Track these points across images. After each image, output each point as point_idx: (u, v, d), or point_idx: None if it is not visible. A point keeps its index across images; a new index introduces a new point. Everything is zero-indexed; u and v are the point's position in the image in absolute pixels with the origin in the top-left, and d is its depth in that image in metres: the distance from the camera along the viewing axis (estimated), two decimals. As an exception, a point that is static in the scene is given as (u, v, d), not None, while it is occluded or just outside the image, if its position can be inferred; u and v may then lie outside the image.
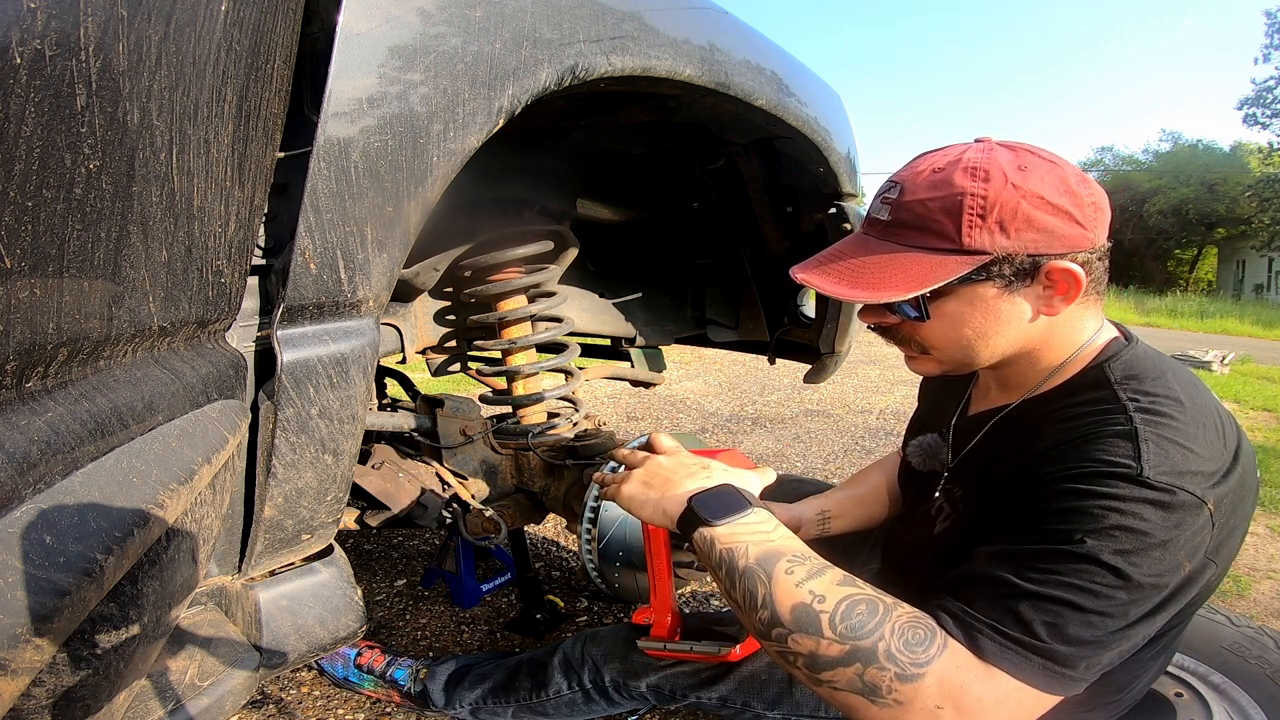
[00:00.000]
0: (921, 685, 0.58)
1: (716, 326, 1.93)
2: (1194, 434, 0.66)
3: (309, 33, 0.68)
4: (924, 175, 0.72)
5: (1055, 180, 0.69)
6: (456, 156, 0.76)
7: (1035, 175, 0.69)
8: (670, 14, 0.95)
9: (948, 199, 0.69)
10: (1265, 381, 5.58)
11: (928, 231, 0.71)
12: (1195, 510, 0.62)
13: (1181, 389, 0.70)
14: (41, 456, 0.45)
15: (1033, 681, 0.60)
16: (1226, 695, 1.01)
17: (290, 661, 0.83)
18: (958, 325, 0.74)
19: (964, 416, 0.90)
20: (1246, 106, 20.90)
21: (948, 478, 0.87)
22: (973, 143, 0.74)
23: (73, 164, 0.44)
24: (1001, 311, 0.73)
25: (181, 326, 0.61)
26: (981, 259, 0.69)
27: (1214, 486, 0.64)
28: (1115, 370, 0.73)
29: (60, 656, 0.49)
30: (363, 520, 1.36)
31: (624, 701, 1.08)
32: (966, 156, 0.70)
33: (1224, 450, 0.67)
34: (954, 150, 0.73)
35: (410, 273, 1.31)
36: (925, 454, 0.93)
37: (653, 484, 0.78)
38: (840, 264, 0.76)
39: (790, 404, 4.24)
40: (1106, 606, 0.61)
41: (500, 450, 1.50)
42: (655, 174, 1.64)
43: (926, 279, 0.69)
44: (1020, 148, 0.72)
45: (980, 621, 0.61)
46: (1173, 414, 0.66)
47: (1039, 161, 0.70)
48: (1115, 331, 0.79)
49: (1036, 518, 0.65)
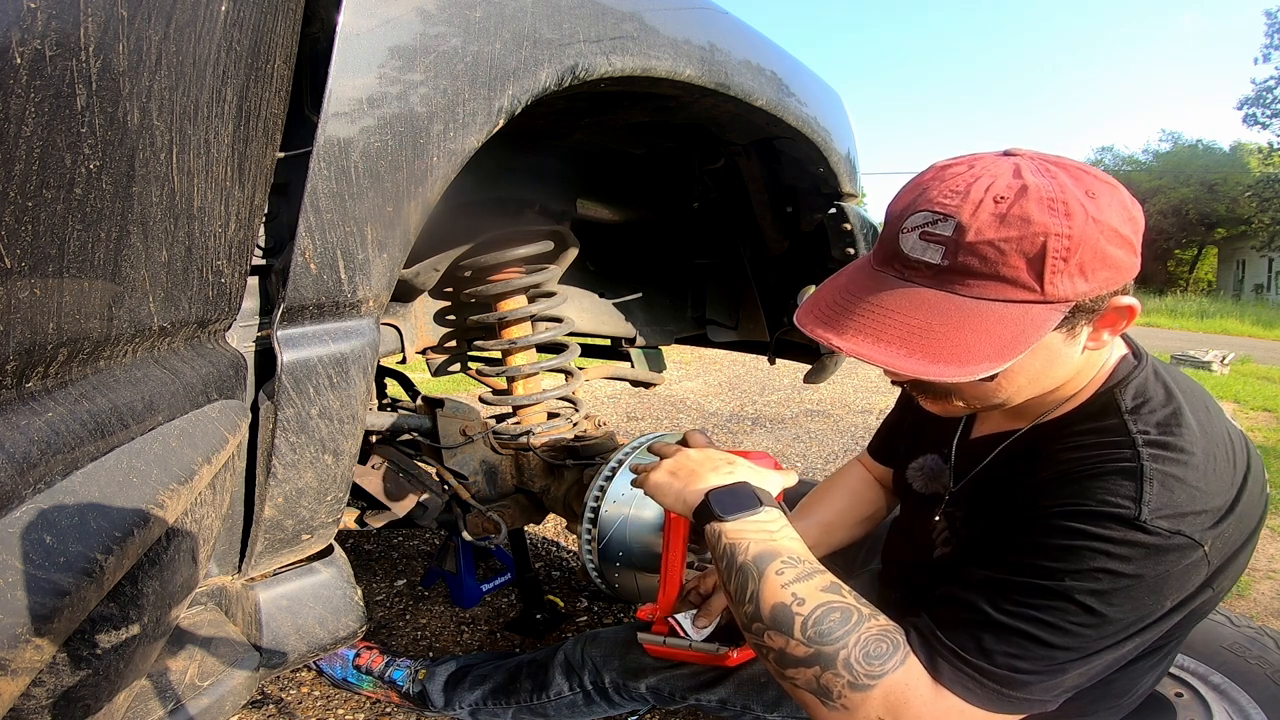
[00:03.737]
0: (869, 695, 0.61)
1: (716, 326, 1.93)
2: (1204, 467, 0.63)
3: (309, 33, 0.68)
4: (985, 208, 0.59)
5: (1119, 207, 0.60)
6: (457, 157, 0.76)
7: (1105, 203, 0.59)
8: (670, 14, 0.95)
9: (1027, 240, 0.58)
10: (1265, 381, 5.58)
11: (1002, 280, 0.59)
12: (1189, 551, 0.60)
13: (1193, 413, 0.67)
14: (41, 456, 0.45)
15: (984, 704, 0.61)
16: (1226, 695, 1.01)
17: (290, 661, 0.83)
18: (1012, 374, 0.66)
19: (966, 439, 0.87)
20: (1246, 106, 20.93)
21: (949, 501, 0.85)
22: (1002, 155, 0.64)
23: (73, 164, 0.44)
24: (1059, 354, 0.65)
25: (181, 326, 0.61)
26: (1064, 308, 0.60)
27: (1214, 526, 0.62)
28: (1126, 397, 0.69)
29: (60, 656, 0.49)
30: (363, 520, 1.36)
31: (624, 703, 1.08)
32: (1033, 183, 0.59)
33: (1233, 478, 0.65)
34: (999, 170, 0.61)
35: (410, 273, 1.31)
36: (927, 477, 0.91)
37: (678, 474, 0.80)
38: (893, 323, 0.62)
39: (790, 404, 4.24)
40: (1072, 642, 0.61)
41: (500, 450, 1.50)
42: (655, 174, 1.64)
43: (1018, 341, 0.58)
44: (1068, 165, 0.63)
45: (943, 644, 0.63)
46: (1182, 447, 0.63)
47: (1100, 186, 0.61)
48: (1124, 348, 0.75)
49: (1026, 550, 0.64)
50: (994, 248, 0.58)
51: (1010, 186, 0.59)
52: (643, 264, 1.89)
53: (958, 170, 0.63)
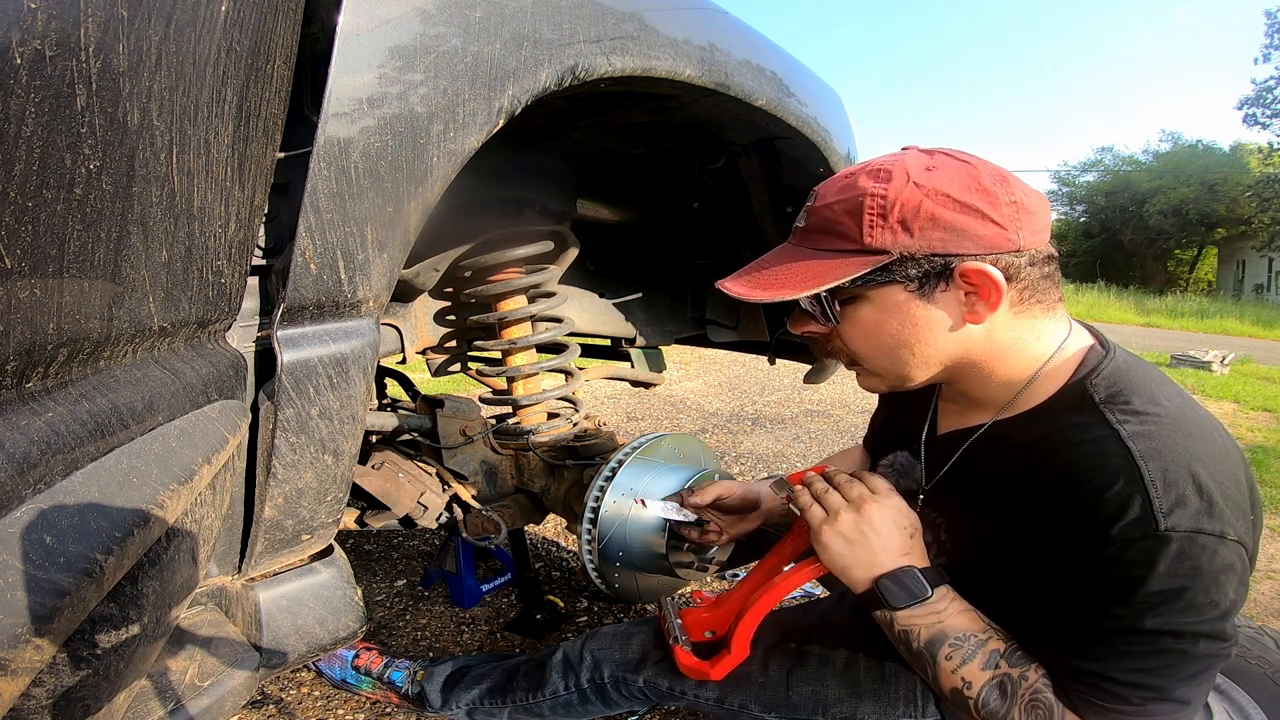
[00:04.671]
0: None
1: (716, 326, 1.92)
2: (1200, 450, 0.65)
3: (309, 33, 0.68)
4: (838, 182, 0.73)
5: (965, 178, 0.68)
6: (457, 157, 0.76)
7: (943, 174, 0.68)
8: (670, 14, 0.95)
9: (850, 200, 0.70)
10: (1265, 381, 5.58)
11: (832, 234, 0.72)
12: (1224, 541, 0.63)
13: (1169, 399, 0.69)
14: (41, 456, 0.45)
15: None
16: (1226, 695, 1.01)
17: (290, 662, 0.83)
18: (876, 333, 0.74)
19: (934, 434, 0.89)
20: (1246, 106, 20.90)
21: (925, 500, 0.86)
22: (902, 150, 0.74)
23: (73, 164, 0.44)
24: (919, 318, 0.72)
25: (181, 327, 0.61)
26: (883, 258, 0.69)
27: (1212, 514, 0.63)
28: (1098, 388, 0.70)
29: (60, 656, 0.49)
30: (363, 520, 1.36)
31: (622, 701, 1.07)
32: (875, 160, 0.72)
33: (1230, 447, 0.67)
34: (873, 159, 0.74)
35: (410, 273, 1.31)
36: (899, 473, 0.92)
37: (855, 546, 0.79)
38: (758, 271, 0.77)
39: (790, 404, 4.24)
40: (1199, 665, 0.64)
41: (500, 451, 1.50)
42: (655, 174, 1.64)
43: (823, 278, 0.70)
44: (939, 151, 0.72)
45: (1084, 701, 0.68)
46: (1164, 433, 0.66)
47: (950, 161, 0.70)
48: (1089, 339, 0.76)
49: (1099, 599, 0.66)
50: (829, 209, 0.72)
51: (863, 164, 0.72)
52: (643, 264, 1.89)
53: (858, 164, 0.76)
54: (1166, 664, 0.64)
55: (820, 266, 0.72)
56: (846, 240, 0.71)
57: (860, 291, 0.73)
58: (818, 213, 0.74)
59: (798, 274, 0.73)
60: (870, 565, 0.77)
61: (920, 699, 0.86)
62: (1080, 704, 0.68)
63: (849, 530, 0.79)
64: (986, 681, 0.72)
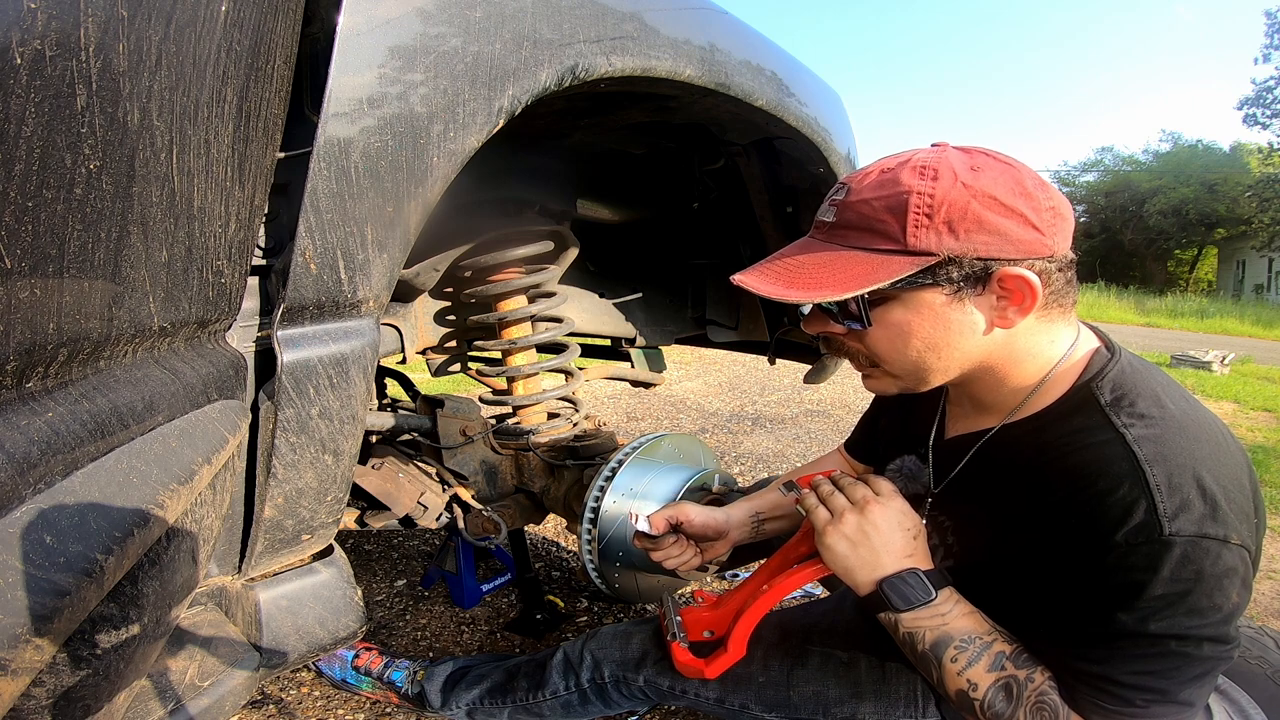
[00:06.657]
0: None
1: (716, 326, 1.93)
2: (1205, 454, 0.65)
3: (309, 33, 0.68)
4: (872, 176, 0.69)
5: (1010, 181, 0.66)
6: (457, 157, 0.76)
7: (988, 175, 0.66)
8: (670, 14, 0.95)
9: (893, 198, 0.67)
10: (1265, 382, 5.57)
11: (872, 232, 0.68)
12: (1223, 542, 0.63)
13: (1174, 402, 0.69)
14: (41, 456, 0.45)
15: None
16: (1226, 695, 1.01)
17: (290, 661, 0.83)
18: (905, 335, 0.71)
19: (942, 438, 0.88)
20: (1246, 106, 20.90)
21: (933, 504, 0.86)
22: (929, 146, 0.71)
23: (73, 164, 0.44)
24: (952, 321, 0.69)
25: (181, 327, 0.61)
26: (927, 260, 0.66)
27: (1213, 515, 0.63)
28: (1104, 392, 0.70)
29: (60, 656, 0.49)
30: (363, 520, 1.36)
31: (622, 701, 1.07)
32: (917, 156, 0.68)
33: (1235, 448, 0.67)
34: (907, 152, 0.71)
35: (410, 273, 1.31)
36: (906, 478, 0.91)
37: (858, 547, 0.78)
38: (784, 270, 0.72)
39: (790, 404, 4.24)
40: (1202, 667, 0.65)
41: (500, 451, 1.50)
42: (655, 174, 1.64)
43: (866, 279, 0.66)
44: (976, 150, 0.70)
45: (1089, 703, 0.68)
46: (1170, 437, 0.65)
47: (993, 163, 0.68)
48: (1095, 341, 0.76)
49: (1106, 604, 0.66)
50: (868, 205, 0.68)
51: (900, 161, 0.69)
52: (643, 264, 1.89)
53: (884, 158, 0.73)
54: (1170, 667, 0.64)
55: (860, 266, 0.67)
56: (887, 240, 0.67)
57: (894, 292, 0.69)
58: (853, 207, 0.69)
59: (835, 273, 0.68)
60: (873, 567, 0.77)
61: (921, 699, 0.86)
62: (1085, 706, 0.68)
63: (852, 531, 0.79)
64: (992, 683, 0.72)
